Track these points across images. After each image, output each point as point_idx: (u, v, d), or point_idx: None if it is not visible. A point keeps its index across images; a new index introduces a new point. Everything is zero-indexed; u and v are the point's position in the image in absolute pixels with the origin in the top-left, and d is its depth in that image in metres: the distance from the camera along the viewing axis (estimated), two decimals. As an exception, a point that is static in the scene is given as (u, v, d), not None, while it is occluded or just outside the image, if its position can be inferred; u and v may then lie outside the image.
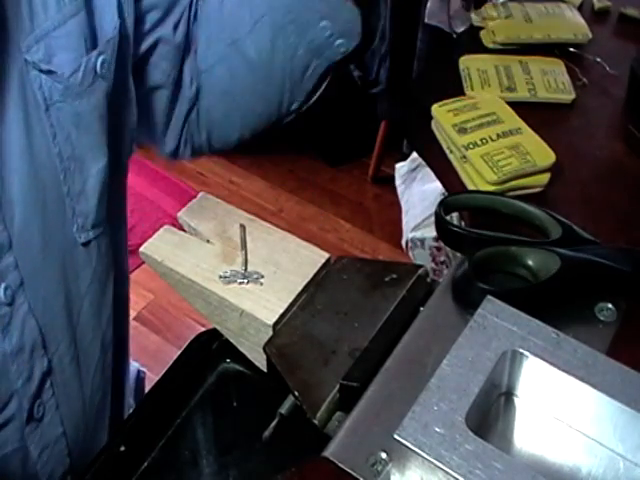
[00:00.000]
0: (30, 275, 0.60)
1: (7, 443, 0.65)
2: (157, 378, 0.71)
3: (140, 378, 0.90)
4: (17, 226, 0.58)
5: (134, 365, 0.88)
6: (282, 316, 0.51)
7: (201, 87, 0.72)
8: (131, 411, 0.75)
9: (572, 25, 0.90)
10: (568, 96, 0.80)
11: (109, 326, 0.73)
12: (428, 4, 1.84)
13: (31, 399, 0.64)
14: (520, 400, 0.48)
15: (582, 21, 0.92)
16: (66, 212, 0.62)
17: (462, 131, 0.70)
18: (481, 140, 0.69)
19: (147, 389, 0.73)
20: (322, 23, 0.65)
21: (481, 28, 0.91)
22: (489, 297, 0.48)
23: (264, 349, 0.51)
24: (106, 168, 0.63)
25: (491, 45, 0.87)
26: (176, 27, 0.69)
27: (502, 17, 0.88)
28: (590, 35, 0.88)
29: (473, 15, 0.88)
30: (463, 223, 0.66)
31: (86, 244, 0.64)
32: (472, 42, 0.90)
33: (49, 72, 0.57)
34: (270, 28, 0.67)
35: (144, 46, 0.67)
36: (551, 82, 0.81)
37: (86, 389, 0.72)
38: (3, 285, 0.58)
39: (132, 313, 0.85)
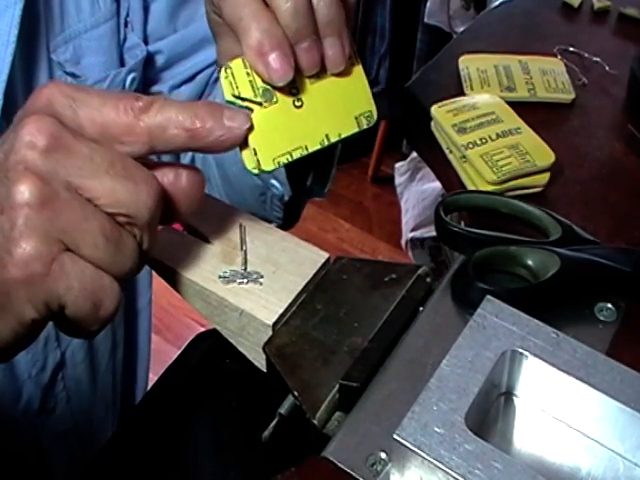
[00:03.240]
0: None
1: (18, 434, 0.65)
2: (157, 378, 0.71)
3: (146, 382, 0.90)
4: None
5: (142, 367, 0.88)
6: (282, 316, 0.51)
7: (193, 161, 0.72)
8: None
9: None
10: (568, 96, 0.80)
11: (120, 324, 0.73)
12: (428, 4, 1.84)
13: (43, 390, 0.65)
14: (520, 400, 0.48)
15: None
16: None
17: (461, 131, 0.70)
18: (480, 140, 0.69)
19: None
20: None
21: None
22: (489, 297, 0.48)
23: (263, 349, 0.51)
24: None
25: None
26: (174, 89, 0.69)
27: None
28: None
29: None
30: (463, 223, 0.66)
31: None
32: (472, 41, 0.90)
33: (73, 75, 0.57)
34: None
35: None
36: (551, 82, 0.81)
37: (97, 385, 0.73)
38: None
39: (132, 313, 0.85)
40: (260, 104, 0.44)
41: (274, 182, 0.64)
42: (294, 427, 0.49)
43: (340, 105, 0.47)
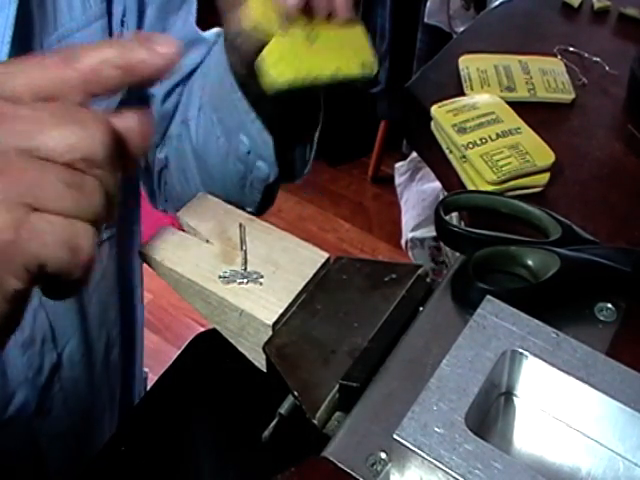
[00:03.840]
0: None
1: (14, 435, 0.65)
2: (157, 378, 0.71)
3: (142, 378, 0.90)
4: None
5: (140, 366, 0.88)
6: (281, 316, 0.51)
7: (168, 156, 0.73)
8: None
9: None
10: (568, 96, 0.80)
11: (116, 325, 0.73)
12: (428, 4, 1.84)
13: (40, 391, 0.65)
14: (520, 400, 0.48)
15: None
16: None
17: (461, 131, 0.70)
18: (480, 140, 0.69)
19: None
20: (241, 136, 0.64)
21: None
22: (489, 297, 0.48)
23: (263, 349, 0.51)
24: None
25: None
26: (169, 92, 0.69)
27: None
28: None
29: None
30: (463, 223, 0.66)
31: (99, 244, 0.65)
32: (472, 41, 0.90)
33: None
34: (206, 120, 0.66)
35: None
36: (551, 82, 0.81)
37: (94, 385, 0.73)
38: None
39: (132, 313, 0.85)
40: (278, 34, 0.52)
41: (260, 164, 0.65)
42: (294, 427, 0.49)
43: (347, 48, 0.55)
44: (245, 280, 0.53)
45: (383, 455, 0.44)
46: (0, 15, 0.50)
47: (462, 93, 0.79)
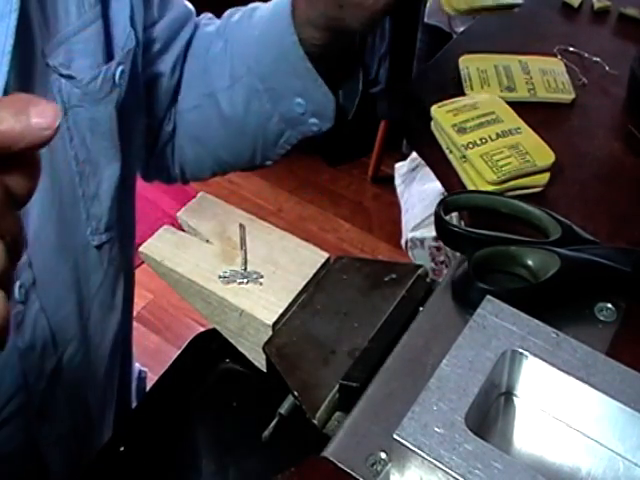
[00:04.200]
0: (42, 274, 0.61)
1: (13, 438, 0.65)
2: (157, 378, 0.71)
3: (141, 378, 0.90)
4: (32, 225, 0.58)
5: (135, 365, 0.88)
6: (281, 316, 0.51)
7: (176, 126, 0.74)
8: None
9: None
10: (568, 96, 0.80)
11: (117, 327, 0.73)
12: (428, 4, 1.84)
13: (41, 395, 0.65)
14: (520, 400, 0.48)
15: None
16: (81, 214, 0.62)
17: (461, 131, 0.70)
18: (480, 140, 0.69)
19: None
20: (297, 99, 0.65)
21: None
22: (489, 297, 0.48)
23: (263, 349, 0.51)
24: (119, 172, 0.64)
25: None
26: (174, 66, 0.70)
27: None
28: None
29: None
30: (463, 223, 0.66)
31: (99, 247, 0.65)
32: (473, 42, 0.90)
33: (69, 77, 0.57)
34: (246, 90, 0.67)
35: (145, 77, 0.68)
36: (551, 82, 0.81)
37: (94, 388, 0.73)
38: (18, 283, 0.59)
39: (132, 313, 0.85)
40: None
41: (313, 120, 0.67)
42: (294, 427, 0.49)
43: None
44: (245, 280, 0.53)
45: (383, 455, 0.44)
46: (0, 24, 0.50)
47: (462, 93, 0.79)
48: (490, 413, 0.47)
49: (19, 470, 0.68)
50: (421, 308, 0.53)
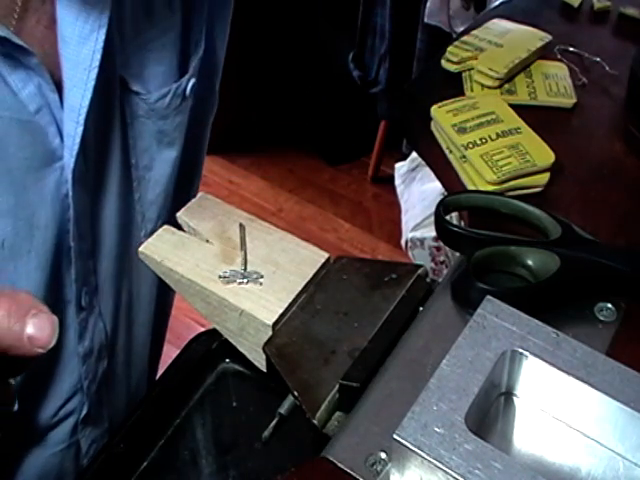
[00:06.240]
0: (103, 281, 0.61)
1: (65, 438, 0.66)
2: (157, 378, 0.71)
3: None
4: (97, 231, 0.58)
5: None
6: (282, 316, 0.51)
7: None
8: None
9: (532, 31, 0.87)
10: (569, 100, 0.80)
11: (158, 327, 0.74)
12: (428, 4, 1.84)
13: (92, 398, 0.65)
14: (520, 400, 0.48)
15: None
16: (136, 218, 0.62)
17: (461, 131, 0.70)
18: (480, 139, 0.69)
19: (147, 389, 0.74)
20: None
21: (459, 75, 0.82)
22: (489, 297, 0.48)
23: (263, 349, 0.51)
24: (176, 177, 0.63)
25: (490, 83, 0.80)
26: None
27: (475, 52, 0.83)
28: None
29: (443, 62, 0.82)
30: (463, 223, 0.66)
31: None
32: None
33: (137, 93, 0.56)
34: None
35: None
36: (552, 86, 0.81)
37: (132, 387, 0.73)
38: (85, 289, 0.59)
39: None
40: None
41: None
42: (294, 427, 0.49)
43: None
44: (245, 280, 0.53)
45: (383, 455, 0.44)
46: (90, 39, 0.49)
47: (462, 93, 0.79)
48: (490, 413, 0.47)
49: (61, 469, 0.69)
50: (421, 308, 0.53)
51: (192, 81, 0.59)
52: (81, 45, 0.49)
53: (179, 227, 0.57)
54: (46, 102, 0.51)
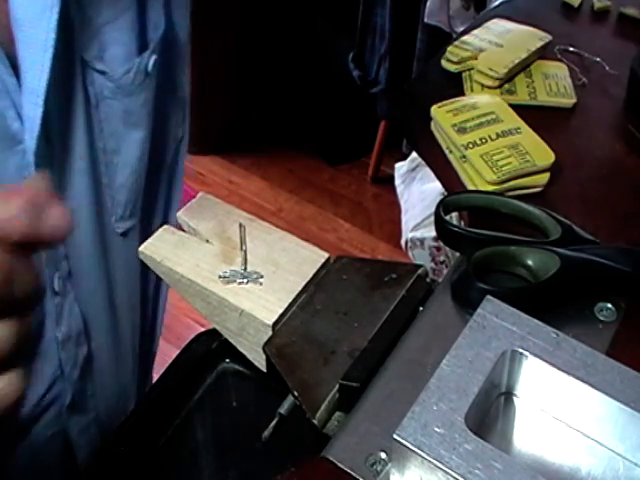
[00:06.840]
0: (76, 265, 0.61)
1: (50, 426, 0.66)
2: (157, 378, 0.71)
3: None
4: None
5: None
6: (281, 316, 0.51)
7: None
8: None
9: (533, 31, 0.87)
10: (569, 100, 0.80)
11: (139, 311, 0.74)
12: (428, 4, 1.84)
13: (74, 385, 0.65)
14: (520, 400, 0.48)
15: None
16: (106, 202, 0.62)
17: (461, 131, 0.70)
18: (480, 139, 0.69)
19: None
20: None
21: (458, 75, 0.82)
22: (489, 297, 0.48)
23: (263, 349, 0.51)
24: (147, 161, 0.63)
25: (490, 83, 0.80)
26: None
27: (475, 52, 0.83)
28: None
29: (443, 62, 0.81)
30: (462, 223, 0.66)
31: (124, 234, 0.65)
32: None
33: (101, 72, 0.57)
34: None
35: None
36: (552, 86, 0.81)
37: (119, 375, 0.73)
38: (57, 275, 0.59)
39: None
40: None
41: None
42: (294, 427, 0.49)
43: None
44: (245, 280, 0.53)
45: (383, 455, 0.44)
46: (42, 19, 0.49)
47: (462, 93, 0.79)
48: (490, 413, 0.47)
49: (50, 458, 0.69)
50: (421, 308, 0.53)
51: (153, 57, 0.59)
52: (34, 26, 0.49)
53: (179, 227, 0.57)
54: (4, 85, 0.50)
